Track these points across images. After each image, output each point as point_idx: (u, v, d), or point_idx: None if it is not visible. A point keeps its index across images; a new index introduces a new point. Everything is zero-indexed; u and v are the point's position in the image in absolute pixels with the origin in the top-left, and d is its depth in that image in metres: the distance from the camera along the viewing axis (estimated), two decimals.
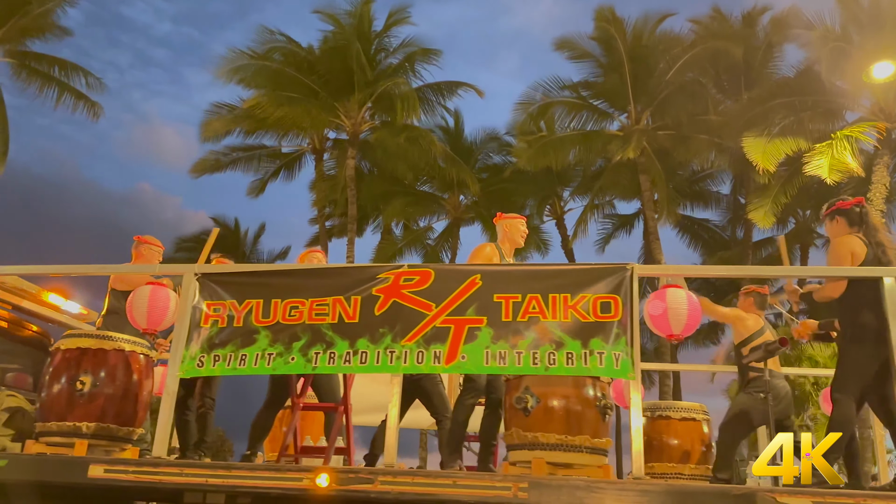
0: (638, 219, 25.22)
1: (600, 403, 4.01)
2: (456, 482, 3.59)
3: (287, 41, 21.65)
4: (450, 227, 25.00)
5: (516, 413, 4.05)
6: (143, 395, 4.60)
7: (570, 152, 22.18)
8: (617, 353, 3.82)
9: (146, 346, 4.70)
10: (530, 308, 3.99)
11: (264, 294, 4.33)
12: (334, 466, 3.89)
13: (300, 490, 3.65)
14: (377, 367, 4.05)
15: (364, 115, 21.65)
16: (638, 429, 3.76)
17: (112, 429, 4.39)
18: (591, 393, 4.01)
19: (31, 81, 20.87)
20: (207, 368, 4.25)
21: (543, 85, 21.89)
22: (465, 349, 3.97)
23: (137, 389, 4.55)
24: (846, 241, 4.23)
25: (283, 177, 24.27)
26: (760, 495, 3.30)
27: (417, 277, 4.21)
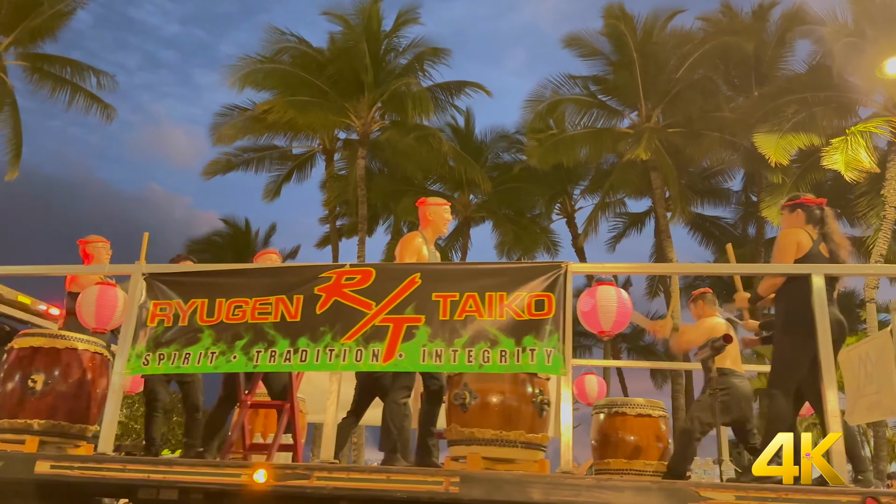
0: (649, 217, 25.13)
1: (537, 399, 4.08)
2: (390, 477, 3.65)
3: (297, 41, 21.69)
4: (460, 227, 24.97)
5: (455, 409, 4.14)
6: (97, 393, 4.62)
7: (581, 150, 22.09)
8: (549, 349, 3.88)
9: (102, 346, 4.74)
10: (467, 307, 4.05)
11: (209, 293, 4.38)
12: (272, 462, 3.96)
13: (238, 485, 3.72)
14: (317, 365, 4.10)
15: (374, 115, 21.66)
16: (568, 425, 3.82)
17: (64, 426, 4.46)
18: (529, 389, 4.09)
19: (44, 84, 21.02)
20: (153, 367, 4.31)
21: (553, 82, 21.86)
22: (402, 347, 4.02)
23: (91, 388, 4.60)
24: (794, 232, 4.29)
25: (295, 177, 24.36)
26: (684, 489, 3.37)
27: (359, 276, 4.25)
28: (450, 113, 23.24)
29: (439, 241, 21.51)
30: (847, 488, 3.43)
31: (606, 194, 24.29)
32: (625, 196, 25.22)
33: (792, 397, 4.13)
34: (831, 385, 3.71)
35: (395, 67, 21.88)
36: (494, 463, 3.99)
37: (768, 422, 4.11)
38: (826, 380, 3.74)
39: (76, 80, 21.15)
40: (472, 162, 22.14)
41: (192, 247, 24.45)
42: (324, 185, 23.84)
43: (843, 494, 3.31)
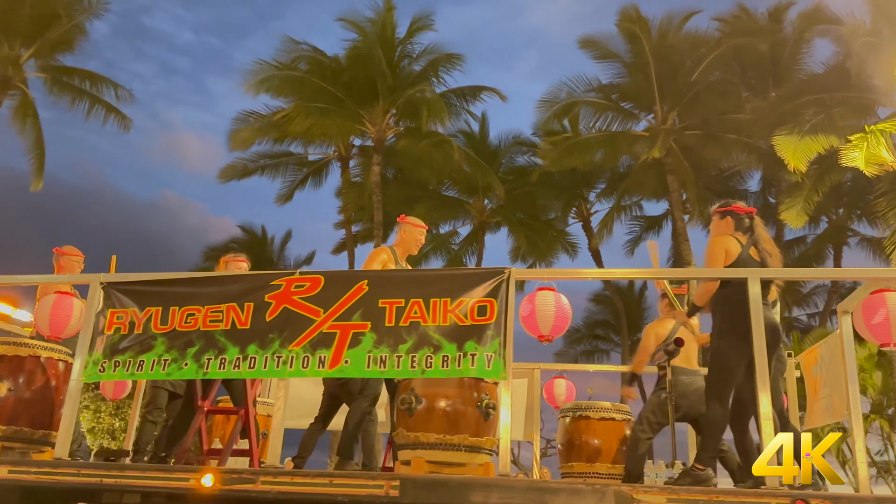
0: (666, 219, 24.98)
1: (482, 404, 4.13)
2: (332, 481, 3.72)
3: (312, 50, 21.81)
4: (475, 232, 24.98)
5: (402, 414, 4.21)
6: (61, 400, 4.69)
7: (596, 153, 22.03)
8: (489, 354, 3.92)
9: (66, 353, 4.82)
10: (412, 313, 4.08)
11: (163, 302, 4.45)
12: (219, 467, 4.02)
13: (187, 489, 3.80)
14: (265, 371, 4.17)
15: (388, 121, 21.74)
16: (506, 426, 3.86)
17: (26, 432, 4.56)
18: (474, 394, 4.14)
19: (63, 95, 21.32)
20: (108, 374, 4.40)
21: (567, 84, 21.78)
22: (348, 354, 4.06)
23: (54, 394, 4.68)
24: (723, 240, 4.34)
25: (310, 184, 24.45)
26: (617, 492, 3.41)
27: (308, 284, 4.29)
28: (464, 118, 23.26)
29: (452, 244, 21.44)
30: (777, 490, 3.42)
31: (622, 197, 24.20)
32: (641, 199, 25.10)
33: (728, 403, 4.16)
34: (764, 388, 3.73)
35: (409, 74, 21.93)
36: (441, 466, 4.05)
37: (705, 427, 4.18)
38: (760, 383, 3.76)
39: (94, 92, 21.42)
40: (486, 167, 22.12)
41: (209, 254, 24.64)
42: (339, 192, 23.95)
43: (773, 497, 3.31)
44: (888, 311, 3.78)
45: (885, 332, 3.81)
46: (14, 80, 20.51)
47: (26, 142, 21.05)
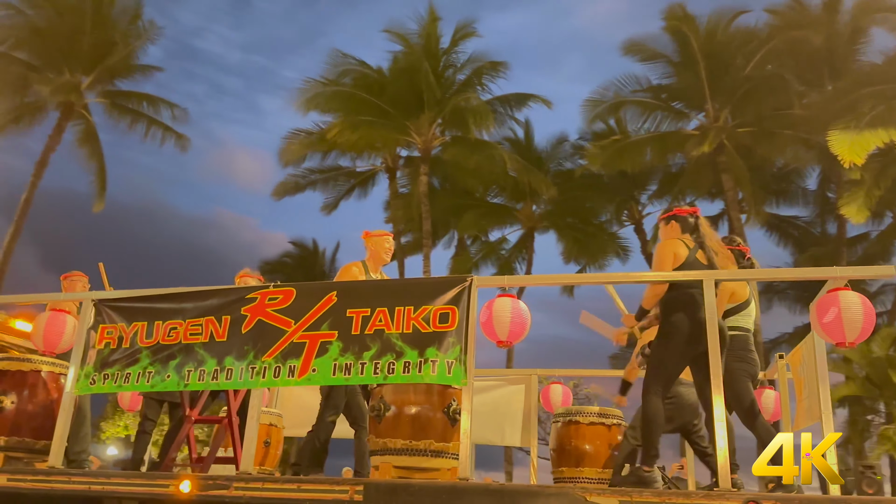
0: (722, 219, 24.34)
1: (449, 409, 4.18)
2: (300, 486, 3.85)
3: (358, 64, 22.17)
4: (524, 238, 24.87)
5: (373, 420, 4.32)
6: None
7: (646, 154, 21.66)
8: (450, 360, 3.96)
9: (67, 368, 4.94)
10: (377, 321, 4.14)
11: (149, 317, 4.61)
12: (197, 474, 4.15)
13: (167, 495, 3.98)
14: (240, 382, 4.29)
15: (434, 131, 21.87)
16: (466, 430, 3.88)
17: (28, 442, 4.79)
18: (439, 400, 4.21)
19: (122, 118, 22.19)
20: (98, 386, 4.57)
21: (615, 83, 21.50)
22: (315, 362, 4.14)
23: (55, 406, 4.83)
24: (670, 243, 4.35)
25: (357, 195, 24.81)
26: (572, 494, 3.44)
27: (281, 296, 4.40)
28: (509, 125, 23.22)
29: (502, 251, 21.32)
30: (729, 492, 3.43)
31: (675, 199, 23.69)
32: (695, 200, 24.51)
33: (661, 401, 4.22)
34: (718, 391, 3.74)
35: (454, 83, 22.06)
36: (410, 471, 4.13)
37: (642, 423, 4.22)
38: (714, 385, 3.77)
39: (151, 114, 22.21)
40: (534, 170, 22.01)
41: (264, 268, 25.19)
42: (387, 204, 24.20)
43: (724, 499, 3.32)
44: (840, 309, 3.71)
45: (838, 331, 3.73)
46: (76, 107, 21.48)
47: (89, 165, 22.01)
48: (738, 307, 4.45)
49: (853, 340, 3.71)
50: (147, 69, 22.68)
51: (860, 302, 3.72)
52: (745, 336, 4.42)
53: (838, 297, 3.74)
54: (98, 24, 21.09)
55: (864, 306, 3.71)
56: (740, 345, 4.34)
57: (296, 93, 21.54)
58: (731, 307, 4.44)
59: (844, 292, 3.76)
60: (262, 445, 5.71)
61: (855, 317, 3.68)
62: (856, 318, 3.68)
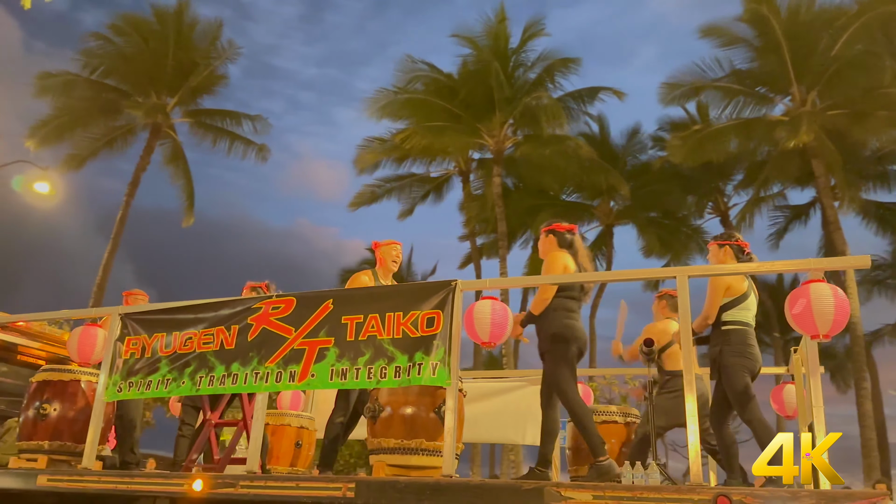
0: (813, 208, 23.17)
1: (440, 410, 4.28)
2: (298, 485, 4.13)
3: (428, 69, 22.28)
4: (602, 235, 24.40)
5: (369, 422, 4.52)
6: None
7: (730, 143, 20.80)
8: (435, 363, 4.13)
9: None
10: (370, 327, 4.34)
11: (167, 328, 4.96)
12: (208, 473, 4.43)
13: (181, 493, 4.31)
14: (245, 387, 4.57)
15: (506, 132, 21.74)
16: (450, 429, 4.04)
17: (69, 446, 5.18)
18: (431, 401, 4.33)
19: (206, 136, 23.14)
20: (124, 393, 4.98)
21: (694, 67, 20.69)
22: (314, 368, 4.38)
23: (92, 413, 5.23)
24: (560, 256, 4.67)
25: (431, 199, 24.94)
26: (547, 489, 3.53)
27: (283, 305, 4.66)
28: (583, 120, 22.81)
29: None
30: (700, 486, 3.47)
31: (763, 188, 22.67)
32: (784, 188, 23.43)
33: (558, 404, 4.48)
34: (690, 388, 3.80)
35: (524, 82, 21.86)
36: (405, 470, 4.30)
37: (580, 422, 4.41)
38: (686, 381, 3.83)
39: (234, 129, 23.05)
40: (610, 168, 21.54)
41: (344, 276, 25.72)
42: (462, 206, 24.23)
43: (695, 493, 3.35)
44: (809, 301, 3.69)
45: (809, 323, 3.73)
46: (163, 127, 22.56)
47: (177, 182, 23.05)
48: (734, 301, 4.45)
49: (826, 333, 3.70)
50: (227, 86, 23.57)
51: (832, 294, 3.69)
52: (744, 330, 4.41)
53: (809, 288, 3.72)
54: (180, 47, 22.10)
55: (836, 298, 3.68)
56: (738, 339, 4.37)
57: (368, 102, 21.87)
58: (728, 301, 4.45)
59: (816, 284, 3.73)
60: (293, 447, 6.04)
61: (825, 308, 3.66)
62: (826, 310, 3.66)
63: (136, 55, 22.02)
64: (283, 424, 6.09)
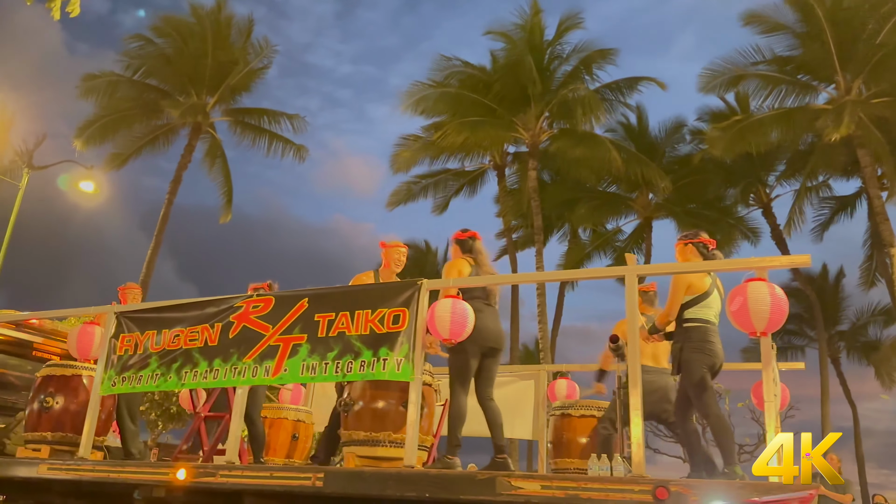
0: (860, 199, 22.57)
1: (408, 404, 4.39)
2: (272, 474, 4.41)
3: (463, 65, 22.24)
4: (640, 227, 24.09)
5: (342, 415, 4.71)
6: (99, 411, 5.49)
7: (771, 133, 20.33)
8: (399, 359, 4.33)
9: None
10: (340, 324, 4.55)
11: (158, 325, 5.22)
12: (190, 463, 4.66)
13: (166, 482, 4.58)
14: (224, 381, 4.83)
15: (542, 125, 21.60)
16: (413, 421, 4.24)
17: (70, 437, 5.44)
18: (400, 395, 4.48)
19: (245, 134, 23.44)
20: (118, 388, 5.24)
21: (734, 55, 20.25)
22: (287, 363, 4.60)
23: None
24: (456, 262, 4.96)
25: (466, 193, 24.88)
26: (500, 480, 3.71)
27: (262, 304, 4.88)
28: (621, 112, 22.55)
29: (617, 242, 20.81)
30: (642, 478, 3.60)
31: (807, 178, 22.14)
32: (829, 178, 22.85)
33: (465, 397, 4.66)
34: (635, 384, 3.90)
35: (560, 75, 21.69)
36: (375, 461, 4.50)
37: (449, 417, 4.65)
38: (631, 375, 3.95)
39: (272, 128, 23.32)
40: (647, 162, 21.25)
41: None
42: (497, 200, 24.16)
43: (636, 484, 3.49)
44: (745, 299, 3.81)
45: (746, 321, 3.84)
46: (203, 126, 22.94)
47: (216, 180, 23.42)
48: (696, 299, 4.52)
49: (763, 330, 3.80)
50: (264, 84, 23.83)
51: (769, 293, 3.78)
52: (705, 327, 4.48)
53: (747, 287, 3.83)
54: (218, 46, 22.41)
55: (772, 297, 3.76)
56: (699, 336, 4.44)
57: (403, 96, 21.93)
58: (689, 299, 4.53)
59: (755, 283, 3.83)
60: (290, 440, 6.25)
61: (761, 307, 3.76)
62: (762, 309, 3.75)
63: (176, 55, 22.41)
64: (281, 418, 6.30)
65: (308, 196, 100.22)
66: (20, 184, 16.10)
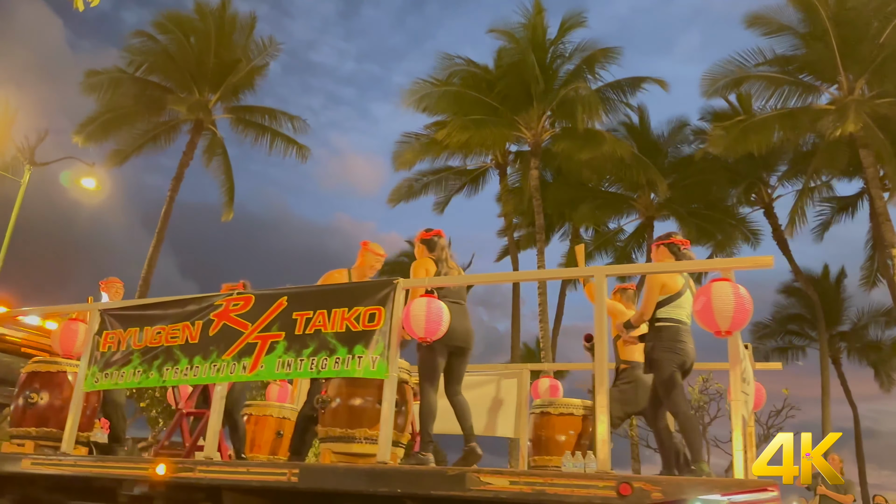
0: (861, 199, 22.57)
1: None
2: (249, 469, 4.49)
3: (466, 63, 22.21)
4: (642, 227, 24.07)
5: (320, 412, 4.77)
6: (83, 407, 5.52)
7: (774, 133, 20.31)
8: (374, 356, 4.38)
9: None
10: (317, 322, 4.60)
11: (140, 323, 5.29)
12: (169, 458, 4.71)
13: (146, 476, 4.67)
14: (204, 378, 4.93)
15: (544, 124, 21.58)
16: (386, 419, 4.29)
17: (54, 432, 5.44)
18: (377, 392, 4.50)
19: (247, 132, 23.43)
20: (101, 384, 5.32)
21: (737, 57, 20.23)
22: (264, 360, 4.66)
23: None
24: (423, 262, 5.00)
25: (467, 192, 24.88)
26: (469, 475, 3.80)
27: (242, 302, 4.94)
28: (623, 112, 22.51)
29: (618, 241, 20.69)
30: (606, 473, 3.68)
31: (809, 179, 22.14)
32: (831, 179, 22.85)
33: (435, 395, 4.73)
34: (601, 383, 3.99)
35: (563, 74, 21.66)
36: (352, 458, 4.56)
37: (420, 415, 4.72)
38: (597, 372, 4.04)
39: (274, 127, 23.28)
40: (648, 163, 21.23)
41: (383, 269, 25.73)
42: (499, 199, 24.15)
43: (601, 479, 3.58)
44: (709, 299, 3.87)
45: (710, 320, 3.90)
46: (206, 123, 22.93)
47: (218, 178, 23.42)
48: (668, 299, 4.59)
49: (728, 329, 3.85)
50: (267, 82, 23.81)
51: (733, 293, 3.84)
52: (676, 327, 4.55)
53: (711, 287, 3.90)
54: (221, 44, 22.39)
55: (736, 297, 3.82)
56: (670, 335, 4.52)
57: (406, 94, 21.89)
58: (662, 299, 4.60)
59: (719, 283, 3.90)
60: (275, 437, 6.26)
61: (725, 307, 3.82)
62: (725, 308, 3.81)
63: (179, 52, 22.36)
64: (266, 415, 6.34)
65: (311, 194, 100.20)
66: (22, 180, 16.10)
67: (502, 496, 3.70)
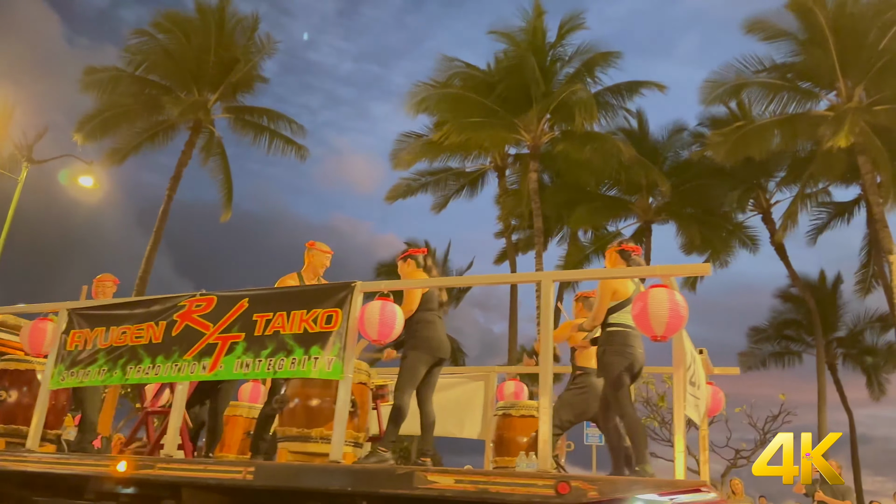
0: (858, 206, 22.56)
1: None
2: (206, 467, 4.64)
3: (465, 66, 22.25)
4: (640, 231, 24.06)
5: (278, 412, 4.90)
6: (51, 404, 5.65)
7: (773, 139, 20.32)
8: (330, 357, 4.46)
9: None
10: (276, 323, 4.69)
11: (107, 323, 5.39)
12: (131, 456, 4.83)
13: (107, 473, 4.76)
14: (165, 377, 5.01)
15: (543, 127, 21.60)
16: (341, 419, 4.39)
17: (22, 430, 5.56)
18: (333, 392, 4.56)
19: (246, 132, 23.46)
20: (67, 382, 5.42)
21: (736, 64, 20.27)
22: (223, 360, 4.76)
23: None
24: (414, 274, 5.14)
25: (466, 194, 24.95)
26: (417, 474, 3.93)
27: (204, 303, 5.03)
28: (622, 115, 22.53)
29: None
30: (546, 473, 3.80)
31: (807, 184, 22.13)
32: (829, 184, 22.83)
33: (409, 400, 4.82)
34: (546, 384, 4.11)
35: (562, 77, 21.69)
36: (308, 457, 4.66)
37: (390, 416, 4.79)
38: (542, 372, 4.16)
39: (272, 127, 23.32)
40: (649, 164, 21.24)
41: (380, 269, 25.81)
42: (498, 201, 24.18)
43: (540, 479, 3.71)
44: (646, 304, 3.99)
45: (646, 324, 4.01)
46: (204, 123, 22.97)
47: (216, 177, 23.46)
48: (619, 305, 4.68)
49: (663, 334, 3.97)
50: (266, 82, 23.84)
51: (668, 298, 3.97)
52: (626, 332, 4.65)
53: (648, 293, 4.03)
54: (221, 43, 22.39)
55: (671, 303, 3.95)
56: (620, 340, 4.63)
57: (406, 97, 21.93)
58: (614, 304, 4.70)
59: (655, 289, 4.03)
60: (244, 436, 6.30)
61: (660, 312, 3.94)
62: (660, 314, 3.94)
63: (179, 51, 22.37)
64: (236, 415, 6.39)
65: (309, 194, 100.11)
66: (19, 177, 16.16)
67: (447, 494, 3.82)
